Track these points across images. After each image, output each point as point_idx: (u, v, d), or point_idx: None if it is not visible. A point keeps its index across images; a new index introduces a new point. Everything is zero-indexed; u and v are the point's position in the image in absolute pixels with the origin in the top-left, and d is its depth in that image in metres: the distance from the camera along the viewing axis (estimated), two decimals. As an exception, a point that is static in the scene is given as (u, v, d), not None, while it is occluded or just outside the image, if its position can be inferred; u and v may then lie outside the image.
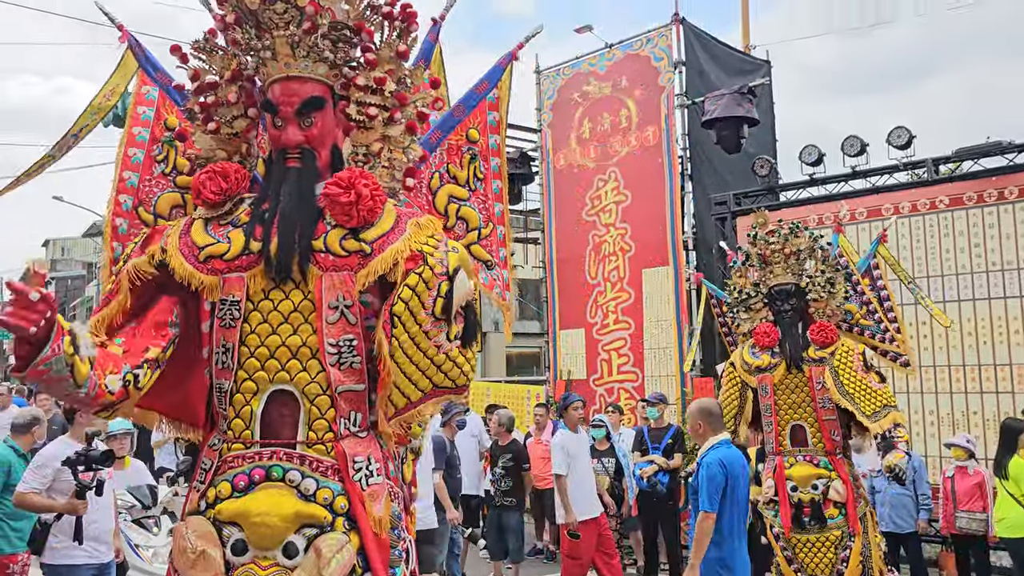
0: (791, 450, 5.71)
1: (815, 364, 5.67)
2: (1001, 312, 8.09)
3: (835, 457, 5.59)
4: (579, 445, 7.20)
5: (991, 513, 7.17)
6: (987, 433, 8.02)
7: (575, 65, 12.11)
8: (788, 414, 5.75)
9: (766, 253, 5.90)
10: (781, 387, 5.78)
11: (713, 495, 4.68)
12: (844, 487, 5.47)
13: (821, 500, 5.47)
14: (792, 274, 5.85)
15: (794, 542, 5.53)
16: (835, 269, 5.85)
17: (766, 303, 5.92)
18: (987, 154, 8.47)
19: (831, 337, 5.66)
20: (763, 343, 5.85)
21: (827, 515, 5.45)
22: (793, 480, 5.59)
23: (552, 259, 12.11)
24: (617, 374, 11.12)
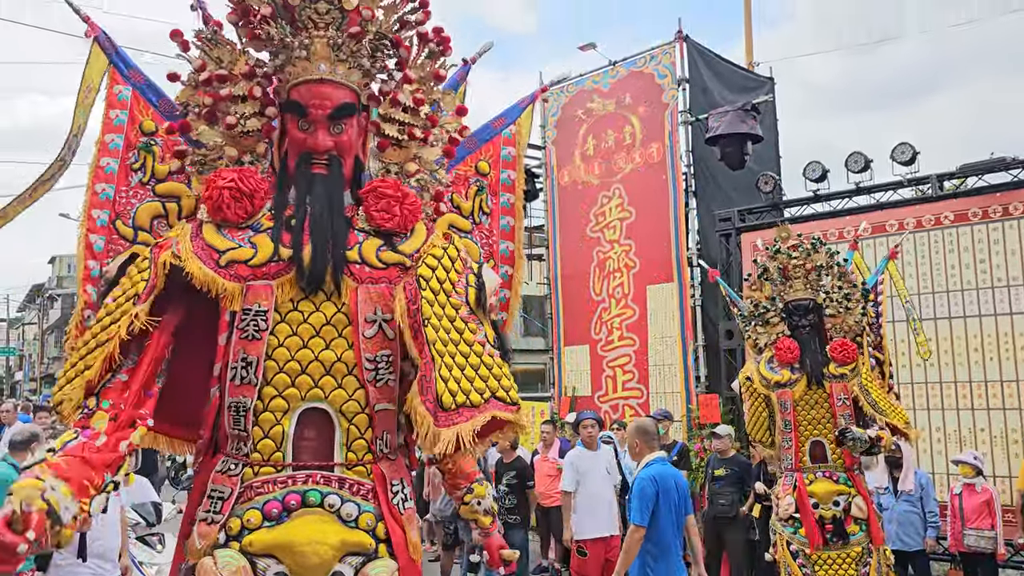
0: (811, 466, 5.68)
1: (835, 380, 5.64)
2: (1008, 328, 8.06)
3: (854, 473, 5.60)
4: (592, 463, 7.12)
5: (999, 531, 7.12)
6: (994, 450, 7.98)
7: (579, 82, 12.16)
8: (808, 430, 5.73)
9: (787, 267, 5.90)
10: (801, 403, 5.75)
11: (643, 510, 4.91)
12: (865, 503, 5.48)
13: (843, 516, 5.46)
14: (811, 289, 5.86)
15: (815, 559, 5.50)
16: (852, 285, 5.85)
17: (783, 317, 5.92)
18: (991, 170, 8.47)
19: (852, 355, 5.63)
20: (785, 359, 5.82)
21: (849, 531, 5.45)
22: (815, 497, 5.56)
23: (557, 276, 12.12)
24: (622, 391, 11.09)
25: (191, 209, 2.61)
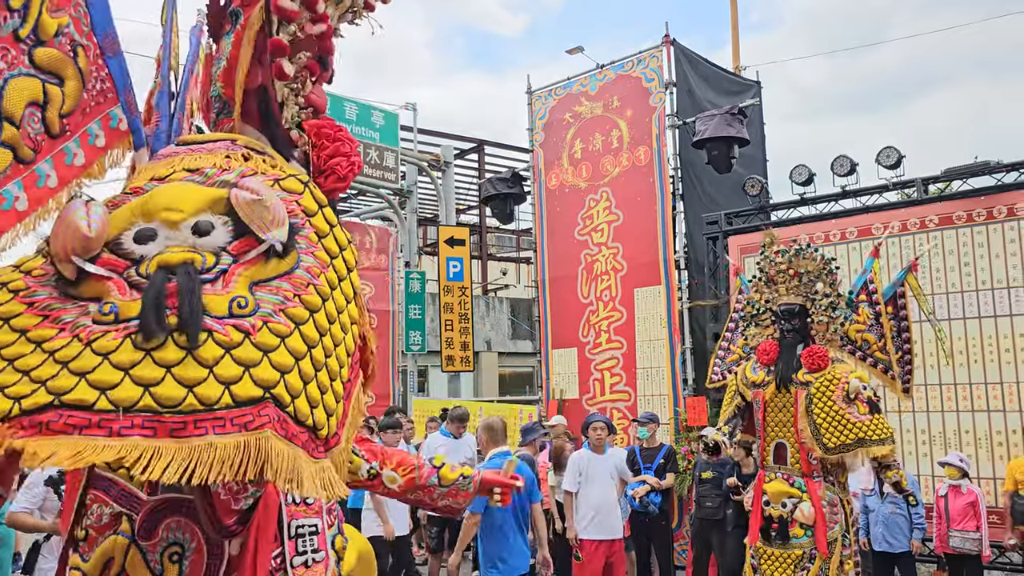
0: (772, 466, 5.85)
1: (801, 387, 5.71)
2: (992, 331, 8.11)
3: (811, 479, 5.66)
4: (598, 466, 7.13)
5: (984, 532, 7.17)
6: (979, 452, 8.02)
7: (567, 86, 12.18)
8: (774, 431, 5.86)
9: (771, 272, 5.98)
10: (771, 405, 5.87)
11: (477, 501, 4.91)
12: (811, 510, 5.54)
13: (788, 518, 5.60)
14: (797, 295, 5.90)
15: (760, 552, 5.71)
16: (838, 294, 5.89)
17: (773, 321, 6.00)
18: (975, 174, 8.53)
19: (820, 363, 5.67)
20: (762, 360, 5.95)
21: (791, 533, 5.58)
22: (767, 495, 5.74)
23: (544, 278, 12.12)
24: (610, 393, 11.10)
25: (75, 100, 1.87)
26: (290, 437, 1.48)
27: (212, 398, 1.41)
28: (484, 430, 5.93)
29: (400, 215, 15.93)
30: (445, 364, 14.57)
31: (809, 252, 5.91)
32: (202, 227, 1.64)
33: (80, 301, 1.52)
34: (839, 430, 5.45)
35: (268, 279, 1.63)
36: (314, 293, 1.66)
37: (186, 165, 1.82)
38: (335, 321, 1.68)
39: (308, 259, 1.73)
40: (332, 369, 1.63)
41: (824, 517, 5.56)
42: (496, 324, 21.58)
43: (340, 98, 13.91)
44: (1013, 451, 7.81)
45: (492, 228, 23.47)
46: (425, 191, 19.47)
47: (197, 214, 1.65)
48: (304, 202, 1.81)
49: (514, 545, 5.66)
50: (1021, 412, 7.83)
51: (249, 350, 1.49)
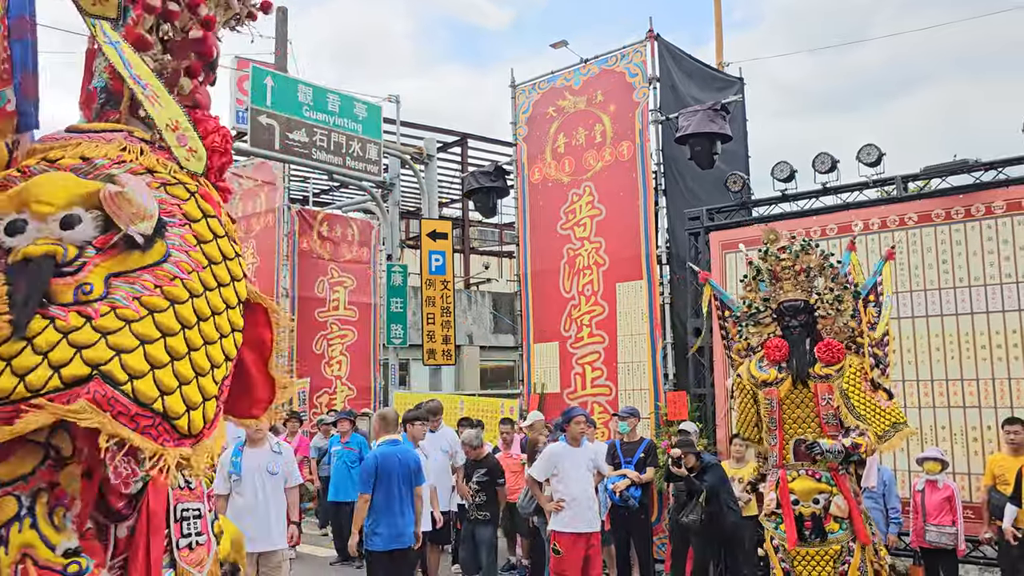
0: (794, 464, 5.76)
1: (820, 381, 5.70)
2: (968, 328, 8.20)
3: (837, 473, 5.64)
4: (574, 459, 7.14)
5: (960, 527, 7.25)
6: (954, 448, 8.11)
7: (551, 79, 12.17)
8: (793, 428, 5.80)
9: (776, 269, 5.95)
10: (786, 402, 5.82)
11: (366, 480, 6.43)
12: (845, 502, 5.53)
13: (822, 514, 5.54)
14: (801, 291, 5.90)
15: (794, 555, 5.59)
16: (843, 287, 5.88)
17: (775, 318, 5.98)
18: (954, 172, 8.60)
19: (838, 356, 5.68)
20: (773, 357, 5.89)
21: (828, 529, 5.53)
22: (795, 494, 5.65)
23: (527, 273, 12.12)
24: (591, 388, 11.13)
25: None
26: (117, 415, 1.54)
27: (38, 383, 1.48)
28: (377, 418, 6.97)
29: (382, 208, 15.86)
30: (427, 358, 14.55)
31: (811, 248, 5.92)
32: (69, 220, 1.68)
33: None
34: (880, 418, 5.51)
35: (130, 271, 1.68)
36: (180, 286, 1.71)
37: (81, 152, 1.86)
38: (207, 319, 1.73)
39: (180, 255, 1.78)
40: (198, 364, 1.68)
41: (857, 507, 5.58)
42: (478, 318, 21.58)
43: (323, 89, 13.82)
44: (989, 447, 7.90)
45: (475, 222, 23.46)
46: (408, 184, 19.40)
47: (68, 207, 1.69)
48: (187, 208, 1.87)
49: (397, 521, 6.38)
50: (996, 408, 7.92)
51: (87, 333, 1.55)
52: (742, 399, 6.18)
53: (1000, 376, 7.98)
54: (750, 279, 6.17)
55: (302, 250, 16.68)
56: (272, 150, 13.10)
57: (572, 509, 6.97)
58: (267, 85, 13.05)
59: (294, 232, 16.63)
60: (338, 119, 13.83)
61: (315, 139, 13.46)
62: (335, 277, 17.01)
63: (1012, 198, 8.10)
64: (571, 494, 6.99)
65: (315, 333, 16.63)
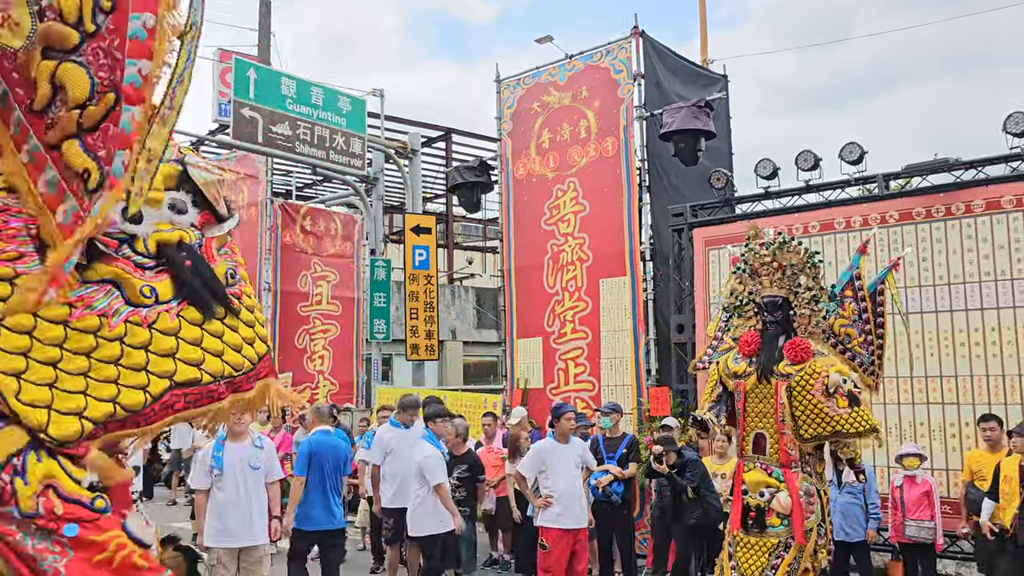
0: (751, 456, 5.89)
1: (782, 379, 5.74)
2: (947, 325, 8.28)
3: (788, 470, 5.70)
4: (562, 455, 7.14)
5: (938, 521, 7.33)
6: (932, 444, 8.19)
7: (535, 75, 12.16)
8: (754, 422, 5.90)
9: (755, 265, 6.01)
10: (751, 395, 5.91)
11: (300, 465, 7.23)
12: (789, 500, 5.60)
13: (765, 507, 5.66)
14: (780, 287, 5.93)
15: (737, 539, 5.77)
16: (820, 287, 5.92)
17: (756, 312, 6.04)
18: (935, 171, 8.68)
19: (802, 355, 5.70)
20: (743, 351, 5.98)
21: (768, 522, 5.64)
22: (746, 484, 5.80)
23: (511, 268, 12.12)
24: (574, 383, 11.15)
25: None
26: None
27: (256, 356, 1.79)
28: (313, 411, 8.07)
29: (366, 202, 15.81)
30: (410, 353, 14.53)
31: (793, 245, 5.94)
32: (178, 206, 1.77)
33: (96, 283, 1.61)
34: (816, 422, 5.54)
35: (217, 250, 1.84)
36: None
37: None
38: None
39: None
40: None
41: (801, 506, 5.61)
42: (462, 313, 21.56)
43: (307, 83, 13.75)
44: (966, 443, 7.99)
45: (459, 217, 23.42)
46: (392, 178, 19.34)
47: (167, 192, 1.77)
48: None
49: (322, 506, 7.14)
50: (974, 405, 8.00)
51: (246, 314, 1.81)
52: (709, 380, 6.34)
53: (978, 373, 8.07)
54: (739, 272, 6.22)
55: (285, 244, 16.59)
56: (255, 143, 13.02)
57: (560, 505, 6.99)
58: (250, 78, 12.97)
59: (277, 226, 16.53)
60: (322, 112, 13.77)
61: (298, 132, 13.40)
62: (318, 271, 16.93)
63: (991, 197, 8.18)
64: (559, 490, 7.01)
65: (297, 328, 16.55)
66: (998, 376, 7.96)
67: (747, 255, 6.08)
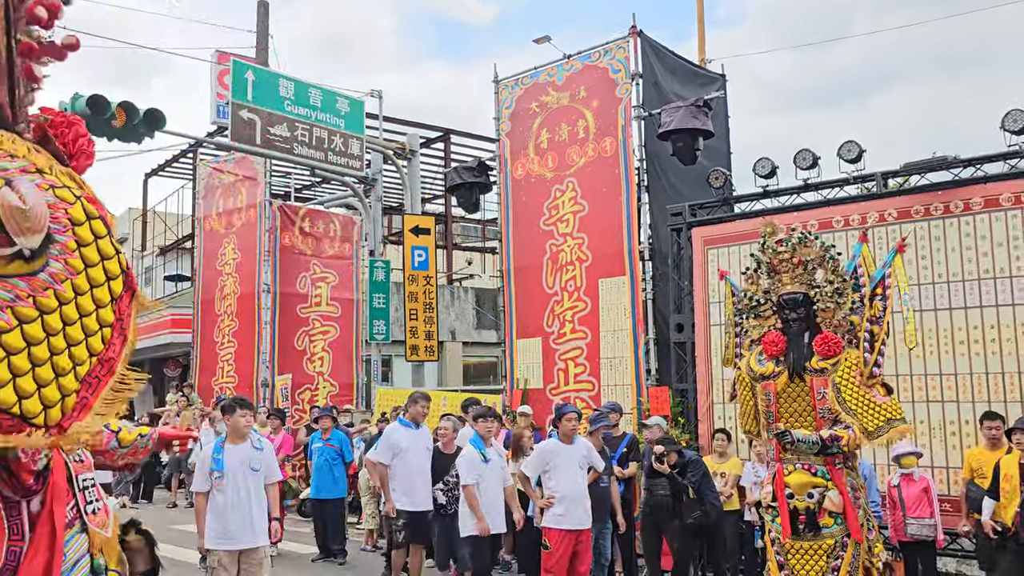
0: (790, 458, 5.69)
1: (817, 375, 5.65)
2: (947, 324, 8.28)
3: (833, 467, 5.58)
4: (567, 456, 7.12)
5: (938, 519, 7.33)
6: (932, 442, 8.19)
7: (534, 75, 12.16)
8: (789, 423, 5.73)
9: (774, 262, 5.92)
10: (783, 395, 5.78)
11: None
12: (840, 497, 5.48)
13: (816, 509, 5.50)
14: (800, 283, 5.83)
15: (788, 547, 5.58)
16: (843, 280, 5.82)
17: (775, 311, 5.93)
18: (933, 169, 8.67)
19: (835, 349, 5.62)
20: (770, 352, 5.84)
21: (821, 524, 5.48)
22: (790, 487, 5.60)
23: (510, 268, 12.12)
24: (573, 383, 11.15)
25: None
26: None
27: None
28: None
29: (365, 203, 15.81)
30: (409, 353, 14.53)
31: (810, 240, 5.86)
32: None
33: None
34: (872, 413, 5.44)
35: (8, 276, 1.75)
36: (51, 297, 1.79)
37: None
38: (74, 324, 1.83)
39: (57, 265, 1.85)
40: (59, 366, 1.80)
41: (851, 503, 5.50)
42: (461, 314, 21.55)
43: (305, 84, 13.75)
44: (966, 440, 7.99)
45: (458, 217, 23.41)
46: (390, 179, 19.35)
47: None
48: (73, 212, 1.92)
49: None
50: (974, 403, 8.00)
51: None
52: (743, 392, 6.17)
53: (978, 371, 8.07)
54: (751, 271, 6.12)
55: (284, 246, 16.59)
56: (253, 144, 13.02)
57: (563, 505, 6.98)
58: (248, 79, 12.97)
59: (276, 227, 16.53)
60: (320, 114, 13.77)
61: (297, 134, 13.39)
62: (317, 273, 16.93)
63: (990, 195, 8.18)
64: (563, 491, 7.00)
65: (297, 329, 16.55)
66: (997, 374, 7.96)
67: (764, 253, 5.98)
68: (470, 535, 7.30)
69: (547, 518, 7.06)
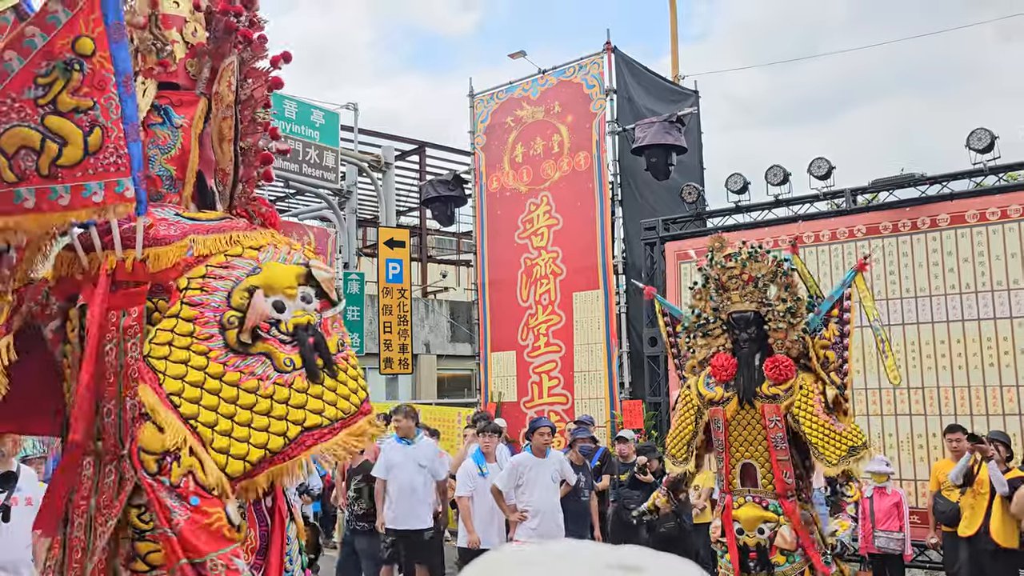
0: (740, 489, 5.27)
1: (768, 401, 5.19)
2: (914, 337, 8.41)
3: (786, 500, 5.13)
4: (540, 469, 7.08)
5: (907, 532, 7.42)
6: (901, 455, 8.30)
7: (509, 90, 12.23)
8: (740, 451, 5.31)
9: (723, 279, 5.45)
10: (733, 423, 5.33)
11: None
12: (792, 534, 5.03)
13: (767, 545, 5.07)
14: (751, 301, 5.35)
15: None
16: (796, 298, 5.34)
17: (724, 330, 5.46)
18: (901, 185, 8.83)
19: (786, 373, 5.16)
20: (719, 376, 5.38)
21: (773, 561, 5.04)
22: (740, 522, 5.18)
23: (484, 281, 12.14)
24: (547, 396, 11.17)
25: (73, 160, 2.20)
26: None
27: (359, 402, 2.40)
28: None
29: (339, 215, 15.76)
30: (383, 366, 14.47)
31: (761, 254, 5.38)
32: (307, 297, 2.46)
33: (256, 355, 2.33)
34: (834, 445, 4.98)
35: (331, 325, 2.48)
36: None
37: (250, 243, 2.53)
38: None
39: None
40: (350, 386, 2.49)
41: (809, 537, 5.05)
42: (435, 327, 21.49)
43: (280, 96, 13.71)
44: (934, 453, 8.11)
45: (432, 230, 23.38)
46: (365, 192, 19.29)
47: (299, 287, 2.46)
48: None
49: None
50: (941, 416, 8.12)
51: (353, 371, 2.44)
52: (683, 412, 5.69)
53: (944, 384, 8.20)
54: (699, 287, 5.65)
55: (257, 258, 16.46)
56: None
57: (537, 519, 6.95)
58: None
59: (249, 239, 16.41)
60: (295, 126, 13.73)
61: (271, 146, 13.33)
62: (291, 285, 16.81)
63: (956, 211, 8.34)
64: (536, 505, 6.97)
65: (270, 342, 16.40)
66: (964, 387, 8.09)
67: (713, 269, 5.52)
68: (461, 547, 7.28)
69: (520, 532, 7.03)
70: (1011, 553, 6.36)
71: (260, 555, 2.44)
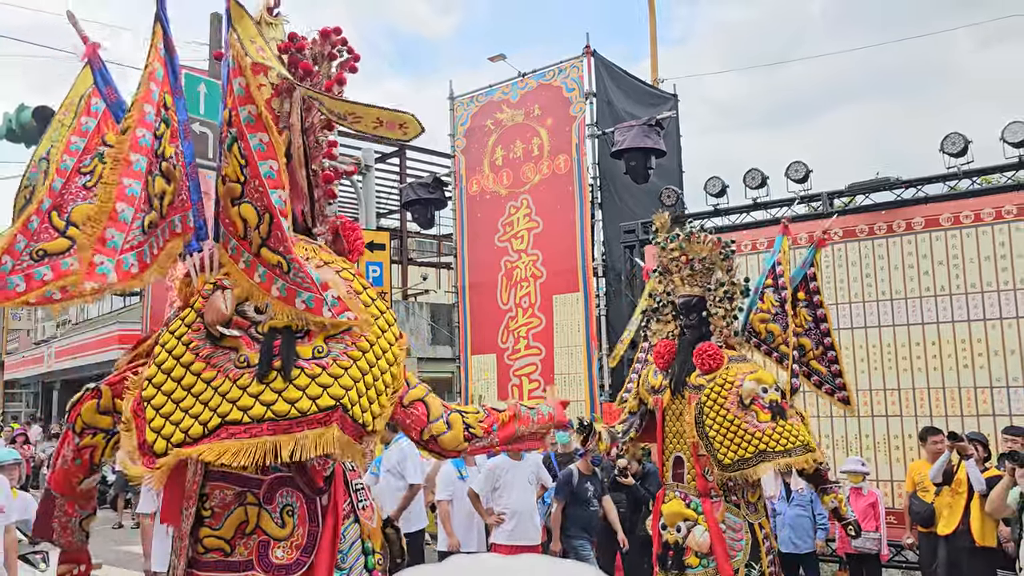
0: (671, 483, 5.07)
1: (694, 391, 4.91)
2: (891, 339, 8.49)
3: (708, 499, 4.84)
4: (515, 473, 7.07)
5: (883, 532, 7.49)
6: (877, 456, 8.38)
7: (489, 93, 12.25)
8: (672, 443, 5.09)
9: (664, 261, 5.24)
10: (668, 413, 5.11)
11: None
12: (705, 536, 4.73)
13: (683, 544, 4.81)
14: (693, 285, 5.12)
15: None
16: (732, 282, 5.13)
17: (674, 316, 5.26)
18: (876, 189, 8.92)
19: (712, 363, 4.88)
20: (658, 363, 5.20)
21: (686, 562, 4.76)
22: (663, 517, 4.95)
23: (464, 284, 12.14)
24: (528, 399, 11.14)
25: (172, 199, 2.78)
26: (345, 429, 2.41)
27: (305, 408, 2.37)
28: None
29: (319, 218, 15.67)
30: (363, 370, 14.40)
31: (703, 236, 5.13)
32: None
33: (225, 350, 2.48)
34: (735, 443, 4.62)
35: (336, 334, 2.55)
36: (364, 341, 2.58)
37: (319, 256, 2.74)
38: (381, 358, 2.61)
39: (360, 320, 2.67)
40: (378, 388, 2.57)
41: (724, 543, 4.71)
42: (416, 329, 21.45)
43: (258, 98, 13.63)
44: (909, 454, 8.19)
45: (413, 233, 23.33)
46: (345, 195, 19.23)
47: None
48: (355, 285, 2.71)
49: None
50: (917, 417, 8.21)
51: (325, 378, 2.43)
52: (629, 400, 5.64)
53: (920, 386, 8.29)
54: (657, 272, 5.40)
55: (236, 260, 16.36)
56: (206, 159, 12.83)
57: (514, 521, 6.97)
58: (200, 92, 12.81)
59: (228, 242, 16.30)
60: (274, 128, 13.64)
61: (250, 148, 13.25)
62: (270, 288, 16.71)
63: (930, 215, 8.43)
64: (513, 507, 6.98)
65: (249, 345, 16.29)
66: (939, 389, 8.18)
67: (656, 251, 5.33)
68: (441, 551, 7.28)
69: (497, 535, 7.04)
70: (989, 551, 6.42)
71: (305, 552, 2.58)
